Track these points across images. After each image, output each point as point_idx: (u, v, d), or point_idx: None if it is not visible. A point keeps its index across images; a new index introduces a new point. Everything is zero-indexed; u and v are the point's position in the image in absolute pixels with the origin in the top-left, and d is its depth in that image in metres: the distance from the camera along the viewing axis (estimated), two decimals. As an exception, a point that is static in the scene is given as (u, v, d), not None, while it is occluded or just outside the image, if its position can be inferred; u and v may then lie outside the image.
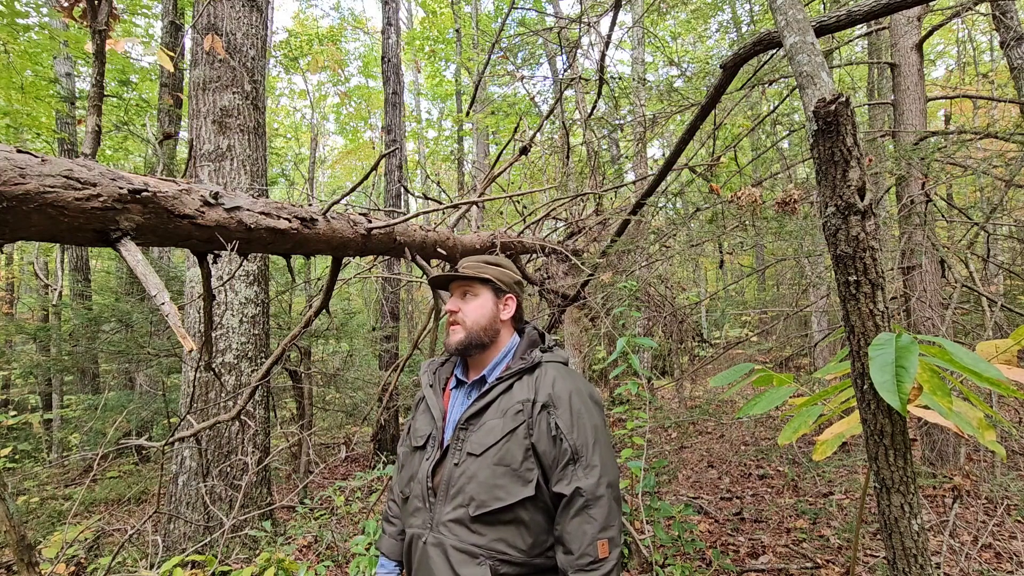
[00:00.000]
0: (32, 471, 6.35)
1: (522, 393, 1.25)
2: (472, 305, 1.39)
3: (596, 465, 1.19)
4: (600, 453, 1.21)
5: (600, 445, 1.22)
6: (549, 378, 1.26)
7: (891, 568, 1.19)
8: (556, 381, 1.26)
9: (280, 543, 3.25)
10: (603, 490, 1.17)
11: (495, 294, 1.41)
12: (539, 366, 1.30)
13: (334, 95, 14.91)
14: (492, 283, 1.39)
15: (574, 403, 1.23)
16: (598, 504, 1.16)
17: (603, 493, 1.17)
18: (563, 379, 1.27)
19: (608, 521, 1.17)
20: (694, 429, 6.71)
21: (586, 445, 1.20)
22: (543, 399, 1.23)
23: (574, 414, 1.22)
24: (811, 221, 3.15)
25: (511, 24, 10.46)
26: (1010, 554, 2.98)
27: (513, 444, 1.20)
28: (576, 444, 1.20)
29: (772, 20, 1.57)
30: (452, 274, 1.43)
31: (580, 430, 1.21)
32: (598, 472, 1.18)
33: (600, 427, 1.24)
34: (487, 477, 1.19)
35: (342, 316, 7.35)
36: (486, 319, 1.37)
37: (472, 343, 1.36)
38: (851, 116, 1.10)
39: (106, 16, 1.44)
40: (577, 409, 1.23)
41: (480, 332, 1.36)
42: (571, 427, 1.21)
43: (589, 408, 1.25)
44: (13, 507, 1.44)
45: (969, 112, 9.33)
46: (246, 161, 3.89)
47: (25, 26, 6.39)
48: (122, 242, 1.17)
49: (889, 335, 1.10)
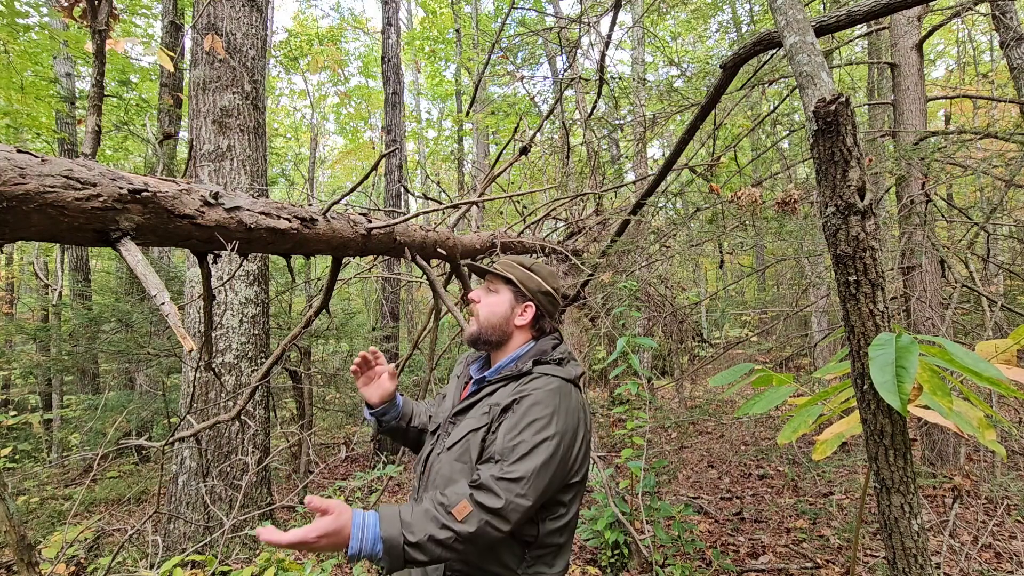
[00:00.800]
0: (32, 471, 6.36)
1: (499, 397, 1.22)
2: (490, 300, 1.39)
3: (508, 472, 1.07)
4: (521, 462, 1.08)
5: (529, 457, 1.08)
6: (529, 386, 1.20)
7: (891, 568, 1.19)
8: (533, 390, 1.18)
9: (280, 543, 3.25)
10: (499, 488, 1.05)
11: (515, 297, 1.39)
12: (528, 375, 1.24)
13: (334, 95, 14.92)
14: (514, 285, 1.38)
15: (530, 412, 1.13)
16: (485, 493, 1.06)
17: (495, 489, 1.05)
18: (540, 389, 1.18)
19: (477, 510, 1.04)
20: (694, 429, 6.72)
21: (509, 449, 1.10)
22: (507, 402, 1.17)
23: (522, 420, 1.13)
24: (811, 221, 3.15)
25: (511, 24, 10.46)
26: (1010, 554, 2.98)
27: (472, 442, 1.18)
28: (502, 447, 1.11)
29: (772, 20, 1.58)
30: (485, 267, 1.45)
31: (512, 436, 1.11)
32: (504, 473, 1.07)
33: (536, 441, 1.10)
34: (448, 472, 1.20)
35: (342, 316, 7.36)
36: (497, 318, 1.37)
37: (481, 338, 1.36)
38: (851, 116, 1.10)
39: (106, 16, 1.44)
40: (529, 418, 1.12)
41: (489, 329, 1.36)
42: (508, 431, 1.12)
43: (545, 422, 1.12)
44: (13, 507, 1.44)
45: (969, 112, 9.33)
46: (246, 161, 3.89)
47: (25, 26, 6.39)
48: (122, 242, 1.17)
49: (889, 335, 1.10)
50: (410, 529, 1.02)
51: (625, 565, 2.95)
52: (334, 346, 7.83)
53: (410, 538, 1.01)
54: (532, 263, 1.44)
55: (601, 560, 3.00)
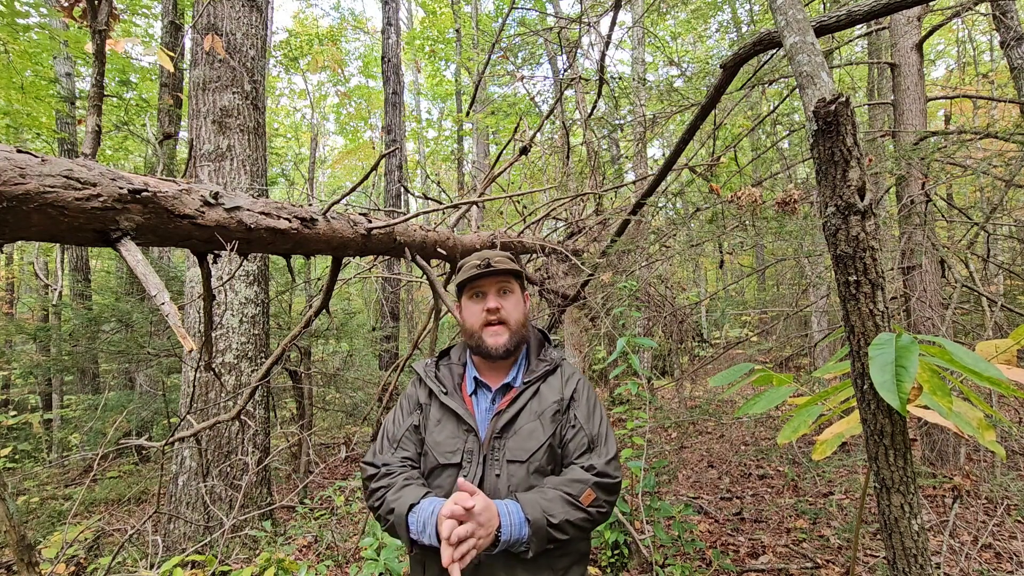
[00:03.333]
0: (32, 471, 6.35)
1: (552, 394, 1.27)
2: (511, 302, 1.31)
3: (609, 454, 1.26)
4: (610, 441, 1.29)
5: (610, 434, 1.31)
6: (567, 376, 1.32)
7: (891, 568, 1.19)
8: (571, 378, 1.32)
9: (280, 543, 3.26)
10: (611, 470, 1.24)
11: (521, 289, 1.37)
12: (559, 365, 1.34)
13: (334, 95, 14.93)
14: (522, 277, 1.35)
15: (589, 397, 1.31)
16: (605, 478, 1.22)
17: (611, 472, 1.23)
18: (575, 375, 1.33)
19: (600, 494, 1.20)
20: (694, 429, 6.71)
21: (601, 435, 1.27)
22: (568, 396, 1.28)
23: (589, 407, 1.29)
24: (811, 221, 3.15)
25: (511, 24, 10.45)
26: (1010, 554, 2.98)
27: (554, 443, 1.23)
28: (592, 435, 1.26)
29: (772, 20, 1.57)
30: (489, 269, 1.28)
31: (594, 422, 1.28)
32: (607, 456, 1.25)
33: (606, 418, 1.33)
34: (526, 483, 1.19)
35: (342, 316, 7.35)
36: (524, 316, 1.33)
37: (518, 344, 1.30)
38: (851, 116, 1.10)
39: (106, 16, 1.44)
40: (592, 403, 1.31)
41: (523, 331, 1.32)
42: (588, 419, 1.27)
43: (597, 402, 1.34)
44: (13, 507, 1.44)
45: (969, 112, 9.34)
46: (246, 161, 3.89)
47: (25, 26, 6.39)
48: (122, 242, 1.17)
49: (889, 335, 1.10)
50: (551, 512, 1.11)
51: (625, 565, 2.95)
52: (334, 346, 7.82)
53: (552, 520, 1.11)
54: (506, 252, 1.45)
55: (601, 560, 3.00)
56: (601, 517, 1.20)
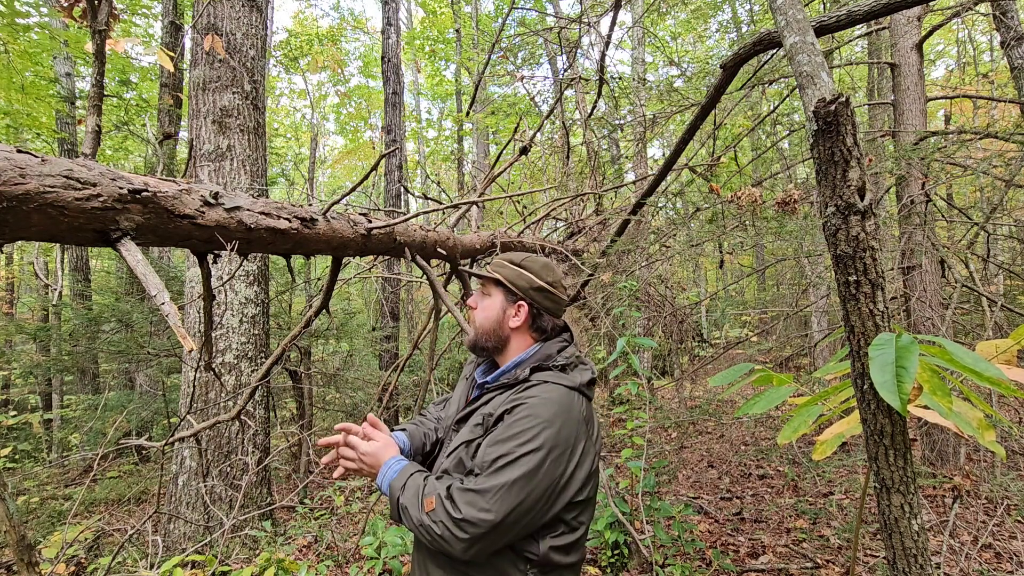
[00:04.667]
0: (32, 471, 6.35)
1: (491, 407, 1.17)
2: (483, 305, 1.33)
3: (478, 485, 1.03)
4: (494, 478, 1.03)
5: (504, 472, 1.03)
6: (524, 395, 1.13)
7: (891, 568, 1.19)
8: (519, 403, 1.11)
9: (280, 543, 3.26)
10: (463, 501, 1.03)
11: (505, 298, 1.31)
12: (524, 382, 1.17)
13: (334, 95, 14.94)
14: (504, 285, 1.31)
15: (518, 423, 1.07)
16: (450, 502, 1.04)
17: (459, 502, 1.03)
18: (535, 398, 1.11)
19: (441, 513, 1.03)
20: (694, 429, 6.71)
21: (486, 464, 1.05)
22: (500, 412, 1.12)
23: (507, 431, 1.07)
24: (811, 221, 3.15)
25: (511, 24, 10.46)
26: (1010, 554, 2.98)
27: (464, 455, 1.15)
28: (482, 460, 1.07)
29: (772, 20, 1.57)
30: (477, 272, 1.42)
31: (494, 450, 1.06)
32: (474, 485, 1.04)
33: (522, 459, 1.03)
34: (452, 470, 1.19)
35: (342, 316, 7.35)
36: (490, 323, 1.30)
37: (478, 345, 1.32)
38: (851, 116, 1.10)
39: (106, 16, 1.44)
40: (515, 430, 1.06)
41: (484, 335, 1.30)
42: (492, 443, 1.08)
43: (532, 434, 1.05)
44: (13, 507, 1.44)
45: (969, 112, 9.34)
46: (246, 161, 3.89)
47: (25, 26, 6.39)
48: (122, 242, 1.17)
49: (889, 335, 1.10)
50: (404, 494, 1.11)
51: (625, 565, 2.95)
52: (334, 346, 7.82)
53: (401, 500, 1.11)
54: (524, 258, 1.34)
55: (601, 560, 3.00)
56: (436, 538, 1.02)
